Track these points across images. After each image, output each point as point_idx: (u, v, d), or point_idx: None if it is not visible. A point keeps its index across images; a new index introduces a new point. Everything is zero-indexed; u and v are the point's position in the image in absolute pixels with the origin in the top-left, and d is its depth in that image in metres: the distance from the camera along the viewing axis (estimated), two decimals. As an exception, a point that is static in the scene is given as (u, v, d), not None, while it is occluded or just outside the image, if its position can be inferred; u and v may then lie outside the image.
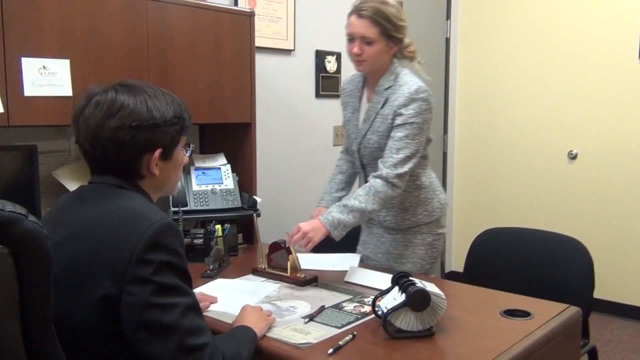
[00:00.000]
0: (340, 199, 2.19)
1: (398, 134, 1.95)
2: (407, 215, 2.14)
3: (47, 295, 0.97)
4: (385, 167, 1.94)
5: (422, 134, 1.99)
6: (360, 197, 1.91)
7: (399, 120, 1.95)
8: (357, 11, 1.95)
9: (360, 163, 2.15)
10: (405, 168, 1.94)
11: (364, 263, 2.22)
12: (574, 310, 1.68)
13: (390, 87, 2.01)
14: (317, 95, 3.40)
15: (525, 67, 4.18)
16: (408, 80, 2.00)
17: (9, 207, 0.91)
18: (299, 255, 1.99)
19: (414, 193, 2.13)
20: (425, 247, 2.16)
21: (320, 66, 3.38)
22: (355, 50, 1.97)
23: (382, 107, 2.00)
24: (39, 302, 0.96)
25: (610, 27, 3.78)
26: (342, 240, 1.93)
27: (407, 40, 2.03)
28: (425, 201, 2.15)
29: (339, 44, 3.48)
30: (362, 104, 2.13)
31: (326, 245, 1.97)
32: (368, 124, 2.05)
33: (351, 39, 1.99)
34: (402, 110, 1.94)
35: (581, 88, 3.94)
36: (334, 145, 3.51)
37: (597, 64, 3.86)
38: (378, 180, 1.93)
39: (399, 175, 1.93)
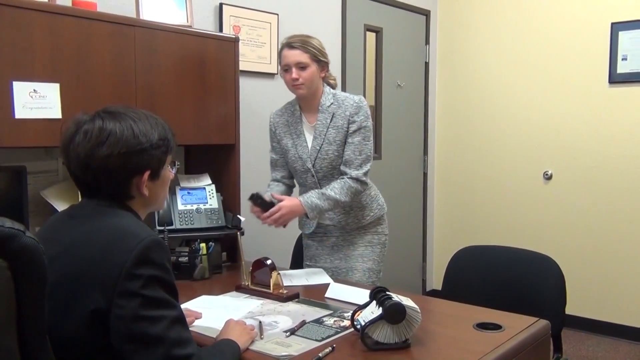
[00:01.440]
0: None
1: (356, 139, 2.24)
2: (366, 212, 2.39)
3: (43, 307, 1.03)
4: (352, 169, 2.24)
5: (371, 138, 2.30)
6: (336, 189, 2.21)
7: (353, 127, 2.25)
8: (288, 44, 2.26)
9: (315, 179, 2.33)
10: (368, 166, 2.27)
11: (340, 279, 2.34)
12: (543, 323, 1.76)
13: (332, 104, 2.29)
14: (300, 117, 3.48)
15: (502, 90, 4.33)
16: (347, 95, 2.33)
17: (8, 223, 0.97)
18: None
19: (365, 193, 2.37)
20: (373, 244, 2.41)
21: (302, 89, 3.47)
22: (294, 76, 2.23)
23: (331, 121, 2.27)
24: (35, 313, 1.01)
25: (581, 54, 3.94)
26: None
27: (330, 69, 2.36)
28: (371, 200, 2.41)
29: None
30: (304, 128, 2.35)
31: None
32: (321, 138, 2.28)
33: (287, 69, 2.25)
34: (355, 118, 2.25)
35: (556, 111, 4.09)
36: (317, 166, 3.59)
37: (571, 88, 4.01)
38: (349, 179, 2.23)
39: (365, 174, 2.25)
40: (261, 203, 2.19)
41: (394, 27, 4.18)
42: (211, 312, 1.83)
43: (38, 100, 1.92)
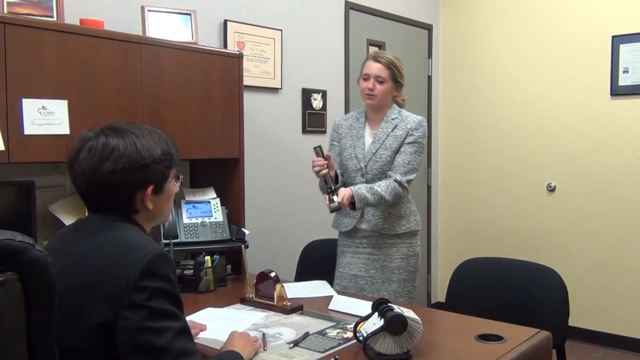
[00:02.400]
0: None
1: (409, 149, 2.44)
2: (403, 221, 2.51)
3: (51, 318, 1.06)
4: (398, 174, 2.42)
5: (423, 154, 2.50)
6: (382, 186, 2.37)
7: (410, 139, 2.45)
8: (375, 57, 2.48)
9: (364, 179, 2.48)
10: (412, 176, 2.45)
11: (345, 291, 2.43)
12: (544, 334, 1.77)
13: (396, 117, 2.49)
14: (304, 131, 3.53)
15: (505, 104, 4.36)
16: (410, 114, 2.53)
17: (18, 237, 1.00)
18: None
19: (407, 204, 2.53)
20: (408, 256, 2.53)
21: (306, 103, 3.52)
22: (370, 86, 2.44)
23: (392, 131, 2.46)
24: (43, 324, 1.04)
25: (583, 66, 3.98)
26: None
27: (402, 91, 2.58)
28: (410, 213, 2.55)
29: (325, 82, 3.65)
30: (365, 132, 2.54)
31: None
32: (379, 144, 2.47)
33: (366, 78, 2.46)
34: (414, 132, 2.45)
35: (558, 123, 4.11)
36: (320, 179, 3.62)
37: (573, 101, 4.04)
38: (394, 181, 2.39)
39: (408, 181, 2.43)
40: (326, 180, 2.33)
41: (396, 41, 4.22)
42: (216, 324, 1.85)
43: (46, 117, 1.96)
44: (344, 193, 2.27)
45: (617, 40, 3.82)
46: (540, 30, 4.17)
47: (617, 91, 3.84)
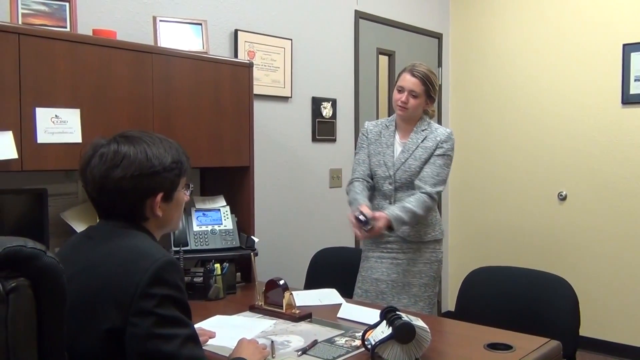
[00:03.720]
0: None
1: (438, 161, 2.50)
2: (429, 229, 2.56)
3: (62, 324, 1.07)
4: (427, 185, 2.44)
5: (450, 166, 2.56)
6: (413, 202, 2.39)
7: (439, 151, 2.50)
8: (411, 70, 2.51)
9: (392, 187, 2.53)
10: (441, 187, 2.49)
11: (365, 294, 2.55)
12: (554, 344, 1.76)
13: (425, 129, 2.55)
14: (314, 139, 3.55)
15: (516, 113, 4.35)
16: (439, 126, 2.62)
17: (30, 243, 1.02)
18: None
19: (433, 214, 2.58)
20: (431, 261, 2.57)
21: (316, 112, 3.54)
22: (404, 99, 2.49)
23: (422, 142, 2.52)
24: (54, 331, 1.06)
25: (594, 75, 3.96)
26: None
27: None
28: (435, 222, 2.60)
29: (334, 91, 3.66)
30: (395, 142, 2.59)
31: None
32: (408, 154, 2.52)
33: (401, 90, 2.51)
34: (443, 144, 2.51)
35: (569, 132, 4.09)
36: (330, 187, 3.64)
37: (584, 109, 4.02)
38: (424, 194, 2.42)
39: (437, 192, 2.46)
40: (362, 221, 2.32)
41: (406, 50, 4.23)
42: (225, 332, 1.86)
43: (59, 126, 1.99)
44: (380, 220, 2.31)
45: (629, 49, 3.81)
46: (550, 38, 4.16)
47: (629, 99, 3.82)
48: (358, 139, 2.75)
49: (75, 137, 2.03)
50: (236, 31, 3.05)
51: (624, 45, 3.82)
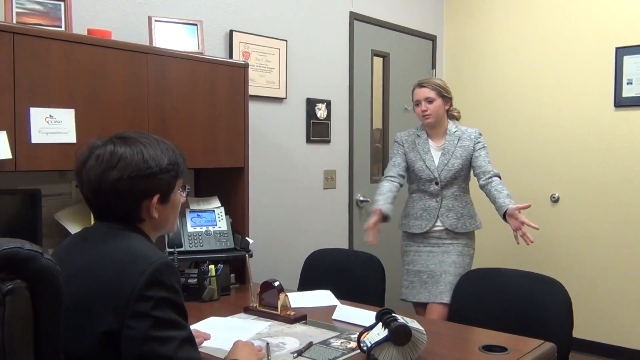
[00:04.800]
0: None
1: (482, 152, 2.85)
2: (472, 220, 2.93)
3: (59, 327, 1.07)
4: (491, 170, 2.80)
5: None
6: (502, 187, 2.76)
7: (479, 145, 2.85)
8: (419, 84, 2.84)
9: (438, 187, 2.83)
10: (496, 170, 2.82)
11: (412, 285, 2.85)
12: (548, 346, 1.77)
13: (456, 131, 2.86)
14: (308, 140, 3.54)
15: (509, 115, 4.37)
16: (467, 127, 2.91)
17: (27, 245, 1.01)
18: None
19: (473, 206, 2.99)
20: (463, 254, 2.88)
21: (310, 113, 3.54)
22: (423, 108, 2.79)
23: (458, 142, 2.83)
24: (51, 333, 1.05)
25: (587, 78, 3.98)
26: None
27: (453, 104, 2.91)
28: (475, 213, 2.99)
29: (329, 92, 3.66)
30: (430, 148, 2.87)
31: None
32: (449, 154, 2.83)
33: (418, 103, 2.82)
34: (479, 139, 2.87)
35: (562, 135, 4.11)
36: (324, 189, 3.64)
37: (577, 112, 4.04)
38: (495, 177, 2.79)
39: (497, 173, 2.80)
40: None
41: (400, 52, 4.24)
42: (220, 334, 1.86)
43: (54, 126, 1.98)
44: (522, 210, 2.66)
45: (621, 52, 3.83)
46: (544, 41, 4.18)
47: (621, 102, 3.85)
48: (392, 147, 3.03)
49: (70, 137, 2.01)
50: (231, 32, 3.04)
51: (617, 48, 3.84)
